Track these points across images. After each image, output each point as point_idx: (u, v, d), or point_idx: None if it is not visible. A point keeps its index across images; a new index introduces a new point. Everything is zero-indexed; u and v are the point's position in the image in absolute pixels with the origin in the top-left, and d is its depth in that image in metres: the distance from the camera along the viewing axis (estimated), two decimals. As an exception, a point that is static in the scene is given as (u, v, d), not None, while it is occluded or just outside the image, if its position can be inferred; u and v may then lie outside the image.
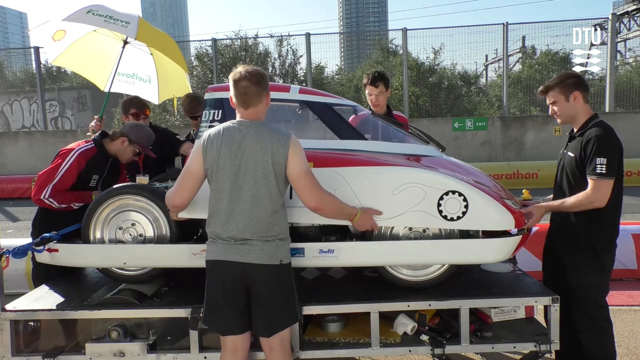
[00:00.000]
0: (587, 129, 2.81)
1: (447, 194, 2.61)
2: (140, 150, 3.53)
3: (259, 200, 2.31)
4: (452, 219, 2.63)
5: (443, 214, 2.63)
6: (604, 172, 2.67)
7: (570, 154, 2.88)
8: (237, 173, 2.31)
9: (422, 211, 2.63)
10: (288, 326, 2.44)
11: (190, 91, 4.67)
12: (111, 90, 4.36)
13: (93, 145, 3.41)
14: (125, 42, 4.21)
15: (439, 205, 2.62)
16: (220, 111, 2.84)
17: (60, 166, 3.26)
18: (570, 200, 2.79)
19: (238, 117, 2.41)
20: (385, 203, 2.64)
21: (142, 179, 3.45)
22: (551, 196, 3.05)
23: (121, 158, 3.52)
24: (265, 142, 2.30)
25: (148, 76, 4.65)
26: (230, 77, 2.38)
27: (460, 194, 2.61)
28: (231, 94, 2.40)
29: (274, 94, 2.57)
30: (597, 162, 2.68)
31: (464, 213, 2.62)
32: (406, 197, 2.63)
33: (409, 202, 2.63)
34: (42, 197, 3.21)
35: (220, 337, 2.44)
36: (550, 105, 2.94)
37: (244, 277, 2.33)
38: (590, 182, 2.72)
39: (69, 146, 3.41)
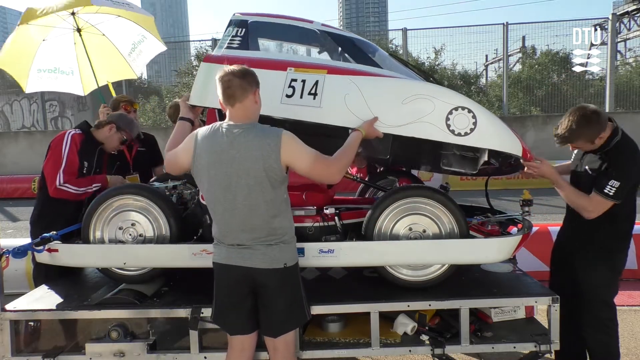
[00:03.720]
0: (610, 147, 2.71)
1: (456, 109, 2.61)
2: (127, 137, 3.53)
3: (254, 209, 2.26)
4: (459, 134, 2.62)
5: (451, 128, 2.61)
6: (611, 194, 2.65)
7: (589, 170, 2.80)
8: (229, 183, 2.25)
9: (430, 123, 2.62)
10: (296, 327, 2.44)
11: (136, 74, 4.64)
12: (35, 90, 4.44)
13: (80, 131, 3.42)
14: (79, 30, 4.17)
15: (447, 119, 2.61)
16: (244, 29, 2.87)
17: (61, 151, 3.28)
18: (572, 191, 2.78)
19: (227, 120, 2.32)
20: (394, 111, 2.64)
21: (133, 177, 3.49)
22: (569, 176, 3.00)
23: (108, 146, 3.50)
24: (256, 149, 2.21)
25: (70, 68, 4.53)
26: (217, 77, 2.31)
27: (469, 111, 2.61)
28: (219, 96, 2.30)
29: (296, 23, 2.65)
30: (609, 184, 2.64)
31: (471, 130, 2.61)
32: (415, 107, 2.63)
33: (418, 113, 2.63)
34: (57, 185, 3.20)
35: (228, 335, 2.44)
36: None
37: (248, 280, 2.32)
38: (593, 193, 2.70)
39: (58, 135, 3.41)
